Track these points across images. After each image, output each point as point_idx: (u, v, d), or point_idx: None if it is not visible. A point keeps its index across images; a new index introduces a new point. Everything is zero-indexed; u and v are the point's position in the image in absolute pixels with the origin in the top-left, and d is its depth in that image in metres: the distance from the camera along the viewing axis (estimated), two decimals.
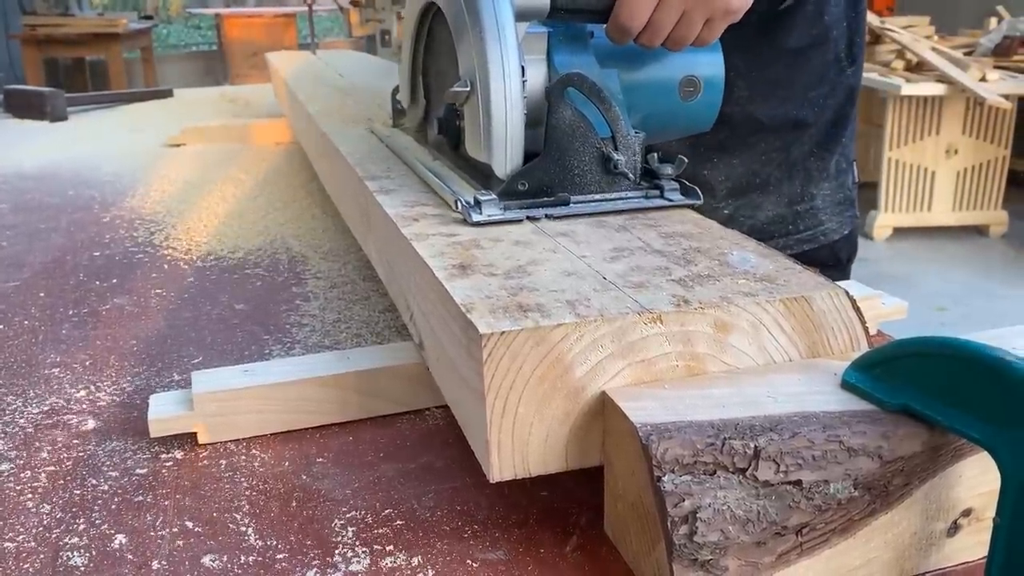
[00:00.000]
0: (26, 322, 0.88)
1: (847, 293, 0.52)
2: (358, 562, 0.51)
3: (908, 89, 4.02)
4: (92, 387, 0.73)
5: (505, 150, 0.66)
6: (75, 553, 0.52)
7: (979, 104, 4.08)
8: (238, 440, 0.64)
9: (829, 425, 0.44)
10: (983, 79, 4.00)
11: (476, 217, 0.64)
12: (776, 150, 1.04)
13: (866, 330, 0.53)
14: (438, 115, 0.78)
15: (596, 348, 0.48)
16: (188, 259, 1.05)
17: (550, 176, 0.66)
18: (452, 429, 0.64)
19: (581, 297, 0.51)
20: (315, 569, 0.50)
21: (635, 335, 0.48)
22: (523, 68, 0.66)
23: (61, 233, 1.17)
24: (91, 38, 5.80)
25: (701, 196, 0.69)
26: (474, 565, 0.50)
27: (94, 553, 0.52)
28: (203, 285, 0.96)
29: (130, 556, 0.52)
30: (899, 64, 4.31)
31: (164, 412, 0.63)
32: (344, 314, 0.86)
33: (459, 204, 0.66)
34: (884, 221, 4.30)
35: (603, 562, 0.50)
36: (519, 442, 0.48)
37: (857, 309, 0.52)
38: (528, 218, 0.66)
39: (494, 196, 0.65)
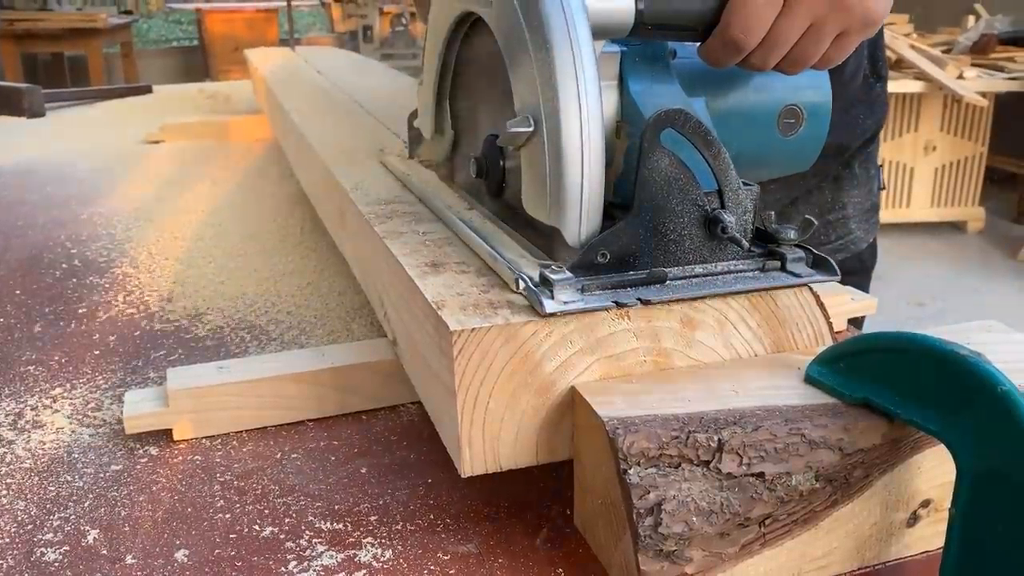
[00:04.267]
0: (1, 320, 0.87)
1: (811, 289, 0.53)
2: (331, 556, 0.51)
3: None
4: (67, 384, 0.74)
5: (580, 212, 0.52)
6: (49, 549, 0.53)
7: (957, 101, 4.12)
8: (213, 436, 0.65)
9: (791, 419, 0.45)
10: (960, 77, 4.04)
11: (549, 307, 0.48)
12: (815, 172, 1.03)
13: (830, 325, 0.54)
14: (474, 153, 0.64)
15: (565, 344, 0.49)
16: (164, 256, 1.05)
17: (638, 243, 0.51)
18: (426, 425, 0.65)
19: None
20: (290, 563, 0.51)
21: (603, 331, 0.49)
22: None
23: (38, 230, 1.17)
24: (70, 33, 5.75)
25: (837, 271, 0.53)
26: (445, 558, 0.51)
27: (68, 549, 0.53)
28: (179, 282, 0.96)
29: (104, 551, 0.52)
30: None
31: (139, 409, 0.64)
32: (320, 311, 0.87)
33: (520, 283, 0.51)
34: None
35: (572, 554, 0.51)
36: (490, 437, 0.49)
37: (821, 305, 0.53)
38: (616, 303, 0.49)
39: (567, 273, 0.50)
